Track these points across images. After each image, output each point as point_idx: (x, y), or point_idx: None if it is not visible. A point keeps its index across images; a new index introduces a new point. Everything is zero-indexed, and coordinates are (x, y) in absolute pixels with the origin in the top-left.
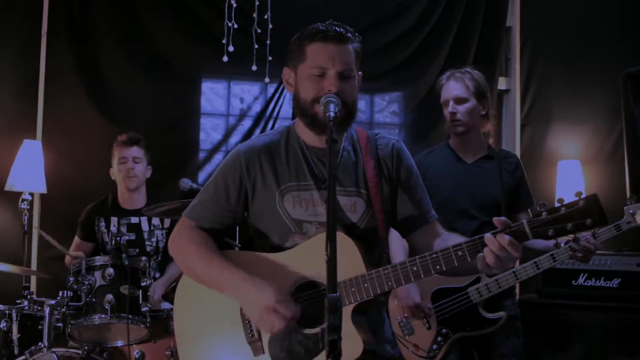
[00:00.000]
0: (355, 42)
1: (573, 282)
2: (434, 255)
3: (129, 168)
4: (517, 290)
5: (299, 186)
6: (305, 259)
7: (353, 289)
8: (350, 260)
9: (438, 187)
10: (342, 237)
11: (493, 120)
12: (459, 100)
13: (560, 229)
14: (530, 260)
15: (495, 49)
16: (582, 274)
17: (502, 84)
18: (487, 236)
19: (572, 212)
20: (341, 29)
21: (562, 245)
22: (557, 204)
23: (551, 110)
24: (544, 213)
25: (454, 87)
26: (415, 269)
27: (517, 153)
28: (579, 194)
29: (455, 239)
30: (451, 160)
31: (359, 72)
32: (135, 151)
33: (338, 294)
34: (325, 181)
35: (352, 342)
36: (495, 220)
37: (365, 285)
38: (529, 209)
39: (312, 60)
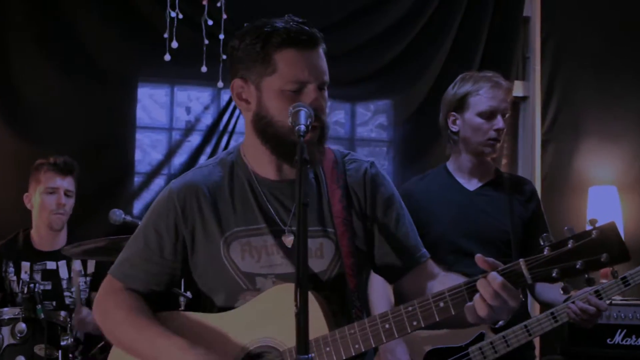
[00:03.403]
0: (323, 43)
1: (608, 340)
2: (410, 309)
3: (60, 203)
4: (538, 350)
5: (248, 231)
6: (257, 317)
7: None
8: (310, 318)
9: (433, 220)
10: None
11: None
12: (504, 116)
13: (567, 269)
14: (546, 312)
15: (509, 46)
16: (619, 330)
17: (518, 89)
18: (479, 279)
19: (582, 245)
20: (308, 28)
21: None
22: (566, 236)
23: (580, 122)
24: (546, 249)
25: (503, 98)
26: (387, 326)
27: (538, 176)
28: (593, 222)
29: (453, 280)
30: (449, 187)
31: None
32: (69, 183)
33: (312, 355)
34: (283, 223)
35: None
36: (479, 258)
37: (327, 349)
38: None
39: (286, 72)
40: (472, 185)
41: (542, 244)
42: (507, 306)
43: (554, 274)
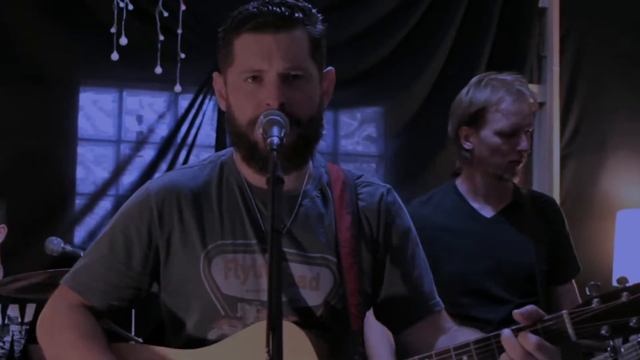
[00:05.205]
0: (310, 24)
1: None
2: None
3: None
4: None
5: (235, 246)
6: (236, 358)
7: None
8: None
9: (444, 254)
10: (290, 328)
11: None
12: (527, 132)
13: (619, 326)
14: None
15: (522, 43)
16: None
17: (533, 93)
18: (505, 335)
19: (639, 299)
20: (283, 8)
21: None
22: (616, 286)
23: (606, 134)
24: (595, 300)
25: (527, 112)
26: None
27: (556, 198)
28: None
29: (467, 336)
30: (462, 212)
31: (328, 68)
32: None
33: None
34: None
35: None
36: (516, 314)
37: None
38: (573, 281)
39: (240, 61)
40: (488, 211)
41: (588, 293)
42: None
43: (603, 331)
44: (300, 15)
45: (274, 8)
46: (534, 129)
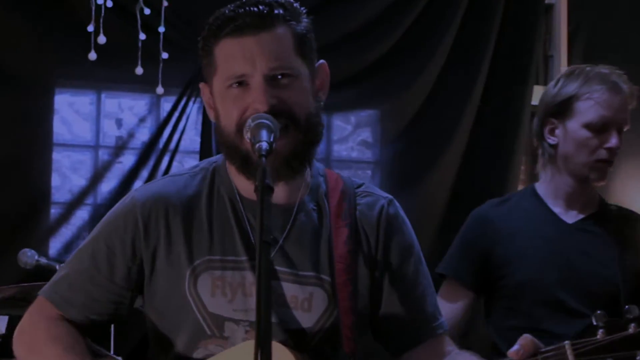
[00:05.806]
0: (293, 20)
1: None
2: None
3: None
4: None
5: (224, 262)
6: None
7: None
8: None
9: (517, 258)
10: (278, 350)
11: None
12: (621, 130)
13: (624, 359)
14: None
15: (527, 41)
16: None
17: (538, 96)
18: None
19: None
20: (261, 7)
21: None
22: (627, 317)
23: None
24: (600, 331)
25: (621, 106)
26: None
27: None
28: None
29: (467, 359)
30: (540, 216)
31: (320, 62)
32: None
33: None
34: None
35: None
36: (511, 353)
37: None
38: None
39: (223, 68)
40: (570, 217)
41: (595, 322)
42: None
43: None
44: (281, 11)
45: (252, 8)
46: (629, 126)
